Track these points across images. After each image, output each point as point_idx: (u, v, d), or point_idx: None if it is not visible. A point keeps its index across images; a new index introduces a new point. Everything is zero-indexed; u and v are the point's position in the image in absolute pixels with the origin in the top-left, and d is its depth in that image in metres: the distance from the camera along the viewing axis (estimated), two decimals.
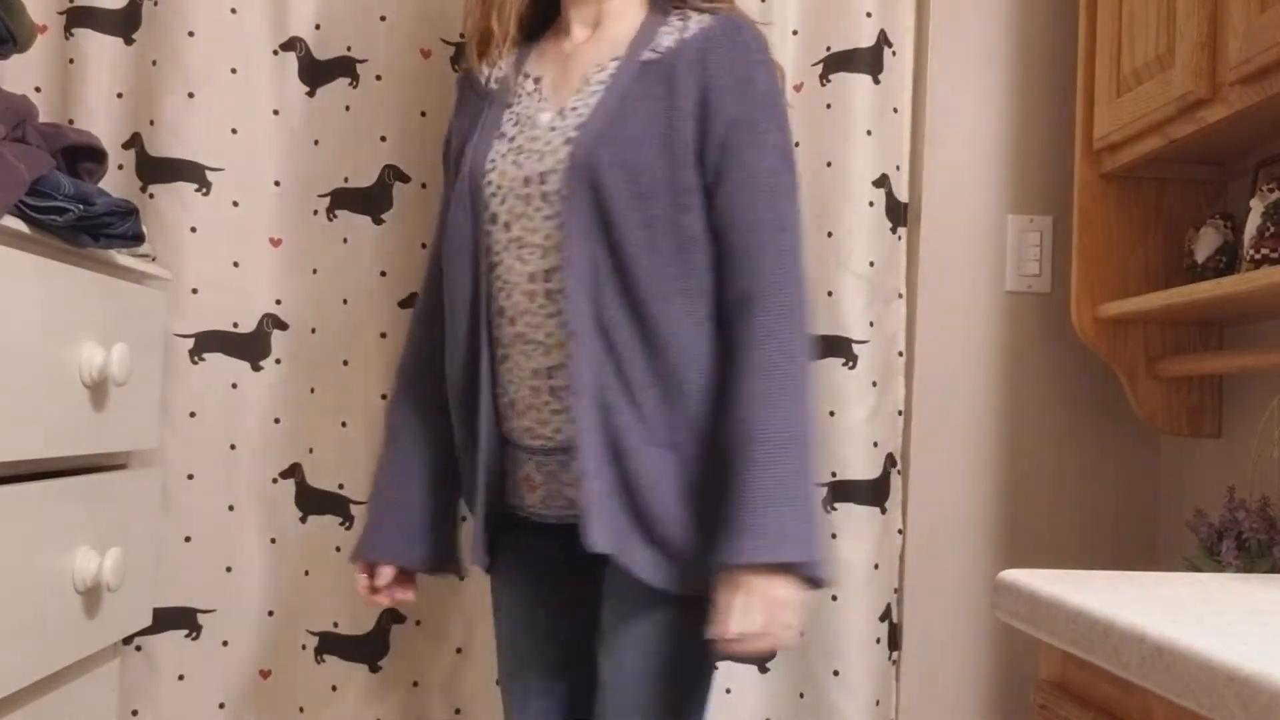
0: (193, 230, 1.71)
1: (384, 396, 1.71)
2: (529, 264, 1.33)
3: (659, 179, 1.29)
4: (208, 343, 1.72)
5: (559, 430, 1.33)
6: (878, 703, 1.75)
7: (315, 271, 1.75)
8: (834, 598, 1.73)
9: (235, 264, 1.73)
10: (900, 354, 1.81)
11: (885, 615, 1.77)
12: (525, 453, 1.37)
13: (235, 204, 1.73)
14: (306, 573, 1.73)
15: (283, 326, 1.75)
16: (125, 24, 1.73)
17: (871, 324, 1.77)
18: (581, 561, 1.40)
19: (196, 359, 1.72)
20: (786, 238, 1.31)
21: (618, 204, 1.28)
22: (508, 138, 1.37)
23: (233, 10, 1.73)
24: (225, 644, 1.73)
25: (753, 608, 1.21)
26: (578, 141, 1.30)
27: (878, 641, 1.76)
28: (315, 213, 1.75)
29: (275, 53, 1.75)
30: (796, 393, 1.26)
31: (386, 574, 1.44)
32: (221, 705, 1.73)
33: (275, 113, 1.75)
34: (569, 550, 1.40)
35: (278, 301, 1.75)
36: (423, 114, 1.74)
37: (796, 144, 1.77)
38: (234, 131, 1.73)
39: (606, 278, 1.29)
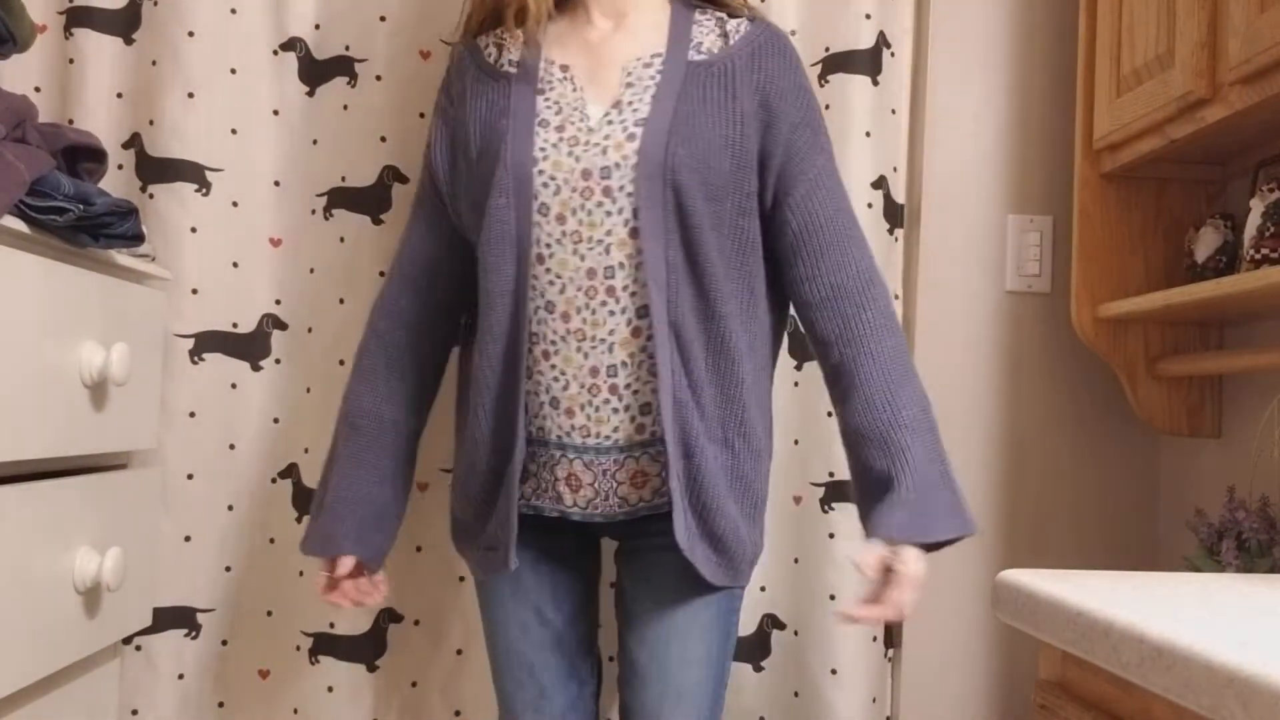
0: (192, 230, 1.71)
1: None
2: (588, 260, 1.31)
3: (726, 182, 1.32)
4: (207, 343, 1.72)
5: (617, 429, 1.33)
6: (874, 700, 1.75)
7: (312, 271, 1.75)
8: (832, 597, 1.73)
9: (235, 264, 1.73)
10: None
11: None
12: (572, 451, 1.35)
13: (235, 204, 1.73)
14: (301, 573, 1.73)
15: (282, 326, 1.75)
16: (125, 24, 1.73)
17: None
18: (593, 555, 1.46)
19: (196, 359, 1.72)
20: (860, 231, 1.40)
21: (694, 204, 1.30)
22: (553, 126, 1.34)
23: (232, 10, 1.73)
24: (224, 643, 1.73)
25: (915, 584, 1.26)
26: (647, 139, 1.30)
27: (874, 639, 1.76)
28: (313, 212, 1.75)
29: (275, 53, 1.75)
30: (915, 374, 1.35)
31: (348, 564, 1.41)
32: (221, 705, 1.73)
33: (275, 113, 1.75)
34: (583, 544, 1.44)
35: (277, 301, 1.75)
36: (421, 114, 1.74)
37: None
38: (233, 131, 1.73)
39: (680, 278, 1.31)
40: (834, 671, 1.73)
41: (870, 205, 1.76)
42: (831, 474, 1.75)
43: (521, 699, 1.42)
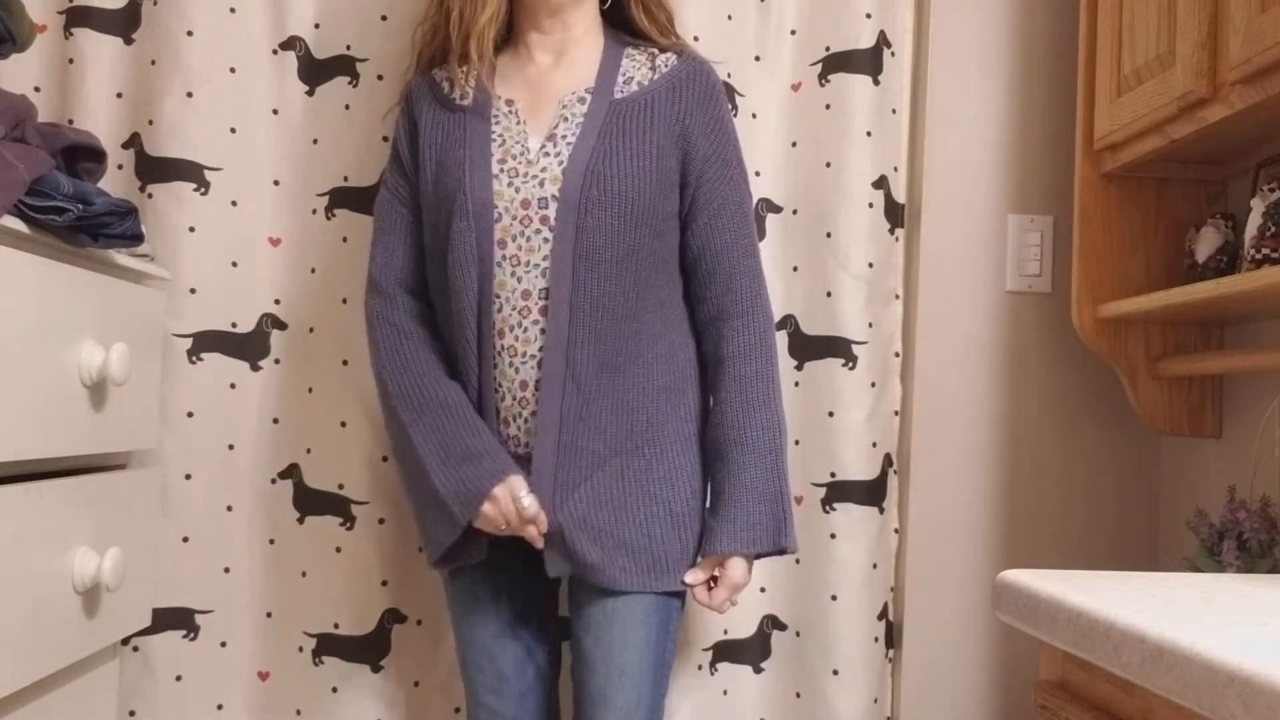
0: (191, 230, 1.71)
1: None
2: (524, 282, 1.42)
3: (645, 208, 1.44)
4: (206, 342, 1.72)
5: (533, 434, 1.44)
6: (875, 701, 1.75)
7: (314, 271, 1.74)
8: (834, 597, 1.73)
9: (234, 264, 1.73)
10: (896, 355, 1.81)
11: (883, 614, 1.78)
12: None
13: (234, 203, 1.73)
14: (304, 574, 1.73)
15: (281, 326, 1.75)
16: (125, 23, 1.73)
17: (870, 325, 1.77)
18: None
19: (195, 359, 1.71)
20: (755, 261, 1.52)
21: (606, 231, 1.41)
22: (496, 159, 1.45)
23: (232, 10, 1.73)
24: (223, 645, 1.73)
25: (732, 589, 1.44)
26: (571, 172, 1.42)
27: (875, 640, 1.75)
28: (314, 212, 1.75)
29: (275, 52, 1.75)
30: (774, 399, 1.48)
31: (520, 484, 1.41)
32: (220, 707, 1.73)
33: (274, 112, 1.75)
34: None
35: (276, 301, 1.75)
36: None
37: (794, 144, 1.79)
38: (233, 131, 1.73)
39: (589, 298, 1.41)
40: (836, 672, 1.73)
41: (871, 205, 1.76)
42: (833, 474, 1.75)
43: (482, 682, 1.52)
